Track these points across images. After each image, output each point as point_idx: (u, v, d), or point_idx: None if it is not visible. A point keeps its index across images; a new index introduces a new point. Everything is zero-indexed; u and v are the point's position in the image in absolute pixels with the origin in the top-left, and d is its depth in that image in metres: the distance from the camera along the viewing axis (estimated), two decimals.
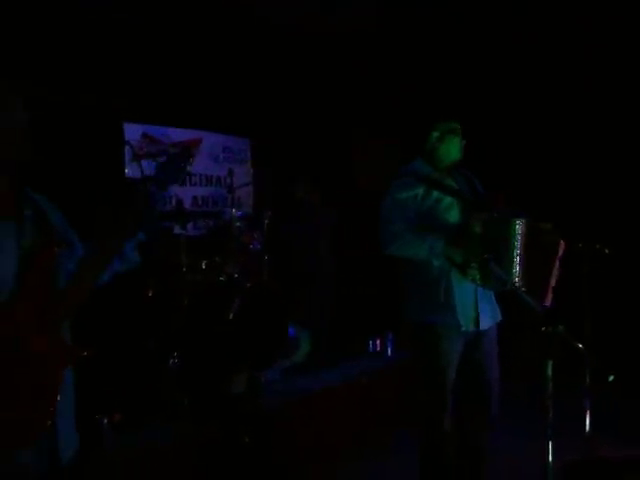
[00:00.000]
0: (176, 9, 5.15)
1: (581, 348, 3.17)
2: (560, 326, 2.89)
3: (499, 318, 3.32)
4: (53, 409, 1.74)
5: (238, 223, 4.92)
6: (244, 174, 6.13)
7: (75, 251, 1.98)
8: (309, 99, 6.27)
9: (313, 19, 5.67)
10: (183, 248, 4.44)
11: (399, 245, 3.14)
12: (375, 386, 4.86)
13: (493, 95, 6.20)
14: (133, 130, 5.28)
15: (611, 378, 4.19)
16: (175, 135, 5.63)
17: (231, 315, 4.54)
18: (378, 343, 5.61)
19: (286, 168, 6.07)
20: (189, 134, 5.79)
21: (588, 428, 3.49)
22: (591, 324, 3.71)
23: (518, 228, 3.04)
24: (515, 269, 3.02)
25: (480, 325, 3.18)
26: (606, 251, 3.63)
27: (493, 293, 3.27)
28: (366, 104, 6.49)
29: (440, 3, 5.62)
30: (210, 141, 6.00)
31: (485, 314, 3.21)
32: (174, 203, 5.24)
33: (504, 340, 3.35)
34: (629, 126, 5.86)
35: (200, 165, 5.83)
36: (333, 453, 4.22)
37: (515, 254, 3.02)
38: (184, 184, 5.63)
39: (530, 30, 5.86)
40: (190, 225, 5.08)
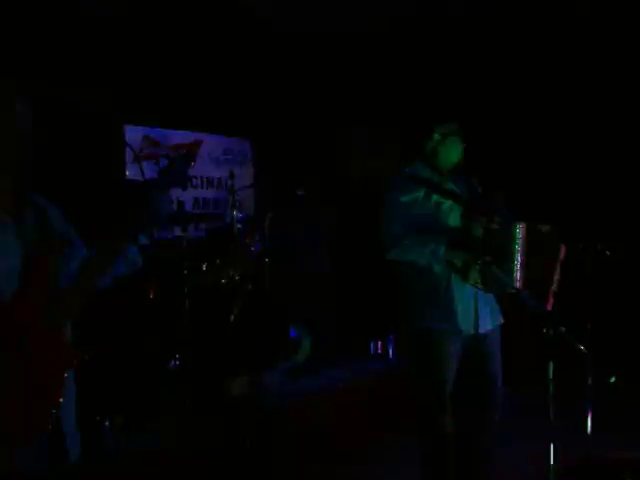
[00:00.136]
0: (177, 12, 5.17)
1: (582, 349, 3.18)
2: (561, 328, 2.90)
3: (500, 320, 3.32)
4: (54, 410, 1.74)
5: (239, 225, 4.93)
6: (245, 176, 6.14)
7: (75, 251, 1.98)
8: (310, 100, 6.27)
9: (313, 20, 5.68)
10: (184, 250, 4.44)
11: (400, 250, 3.14)
12: (377, 388, 4.86)
13: (494, 95, 6.19)
14: (134, 132, 5.28)
15: (612, 380, 4.19)
16: (176, 137, 5.63)
17: (232, 317, 4.54)
18: (379, 345, 5.61)
19: (287, 170, 6.07)
20: (190, 136, 5.80)
21: (590, 429, 3.49)
22: (592, 326, 3.70)
23: (518, 232, 3.04)
24: (516, 272, 3.02)
25: (480, 329, 3.19)
26: (607, 253, 3.63)
27: (494, 296, 3.27)
28: (366, 104, 6.49)
29: (440, 3, 5.63)
30: (211, 143, 6.01)
31: (485, 317, 3.22)
32: (175, 205, 5.24)
33: (505, 342, 3.35)
34: (629, 127, 5.86)
35: (201, 167, 5.83)
36: (335, 455, 4.21)
37: (516, 257, 3.03)
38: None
39: (530, 30, 5.88)
40: (191, 227, 5.09)
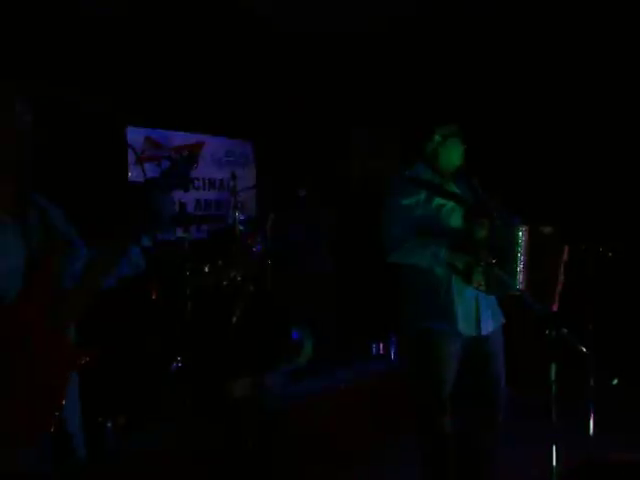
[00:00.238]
0: (177, 12, 5.17)
1: (585, 351, 3.18)
2: (564, 329, 2.90)
3: (502, 321, 3.32)
4: (58, 411, 1.74)
5: (241, 226, 4.93)
6: (247, 177, 6.14)
7: (77, 251, 1.98)
8: (311, 101, 6.28)
9: (313, 20, 5.68)
10: (186, 252, 4.45)
11: (402, 253, 3.14)
12: (379, 389, 4.85)
13: (495, 96, 6.19)
14: (136, 134, 5.28)
15: (615, 381, 4.19)
16: (178, 139, 5.63)
17: (234, 318, 4.55)
18: (381, 346, 5.60)
19: (288, 171, 6.07)
20: (192, 138, 5.80)
21: (592, 431, 3.48)
22: (594, 327, 3.70)
23: (521, 235, 3.04)
24: (519, 274, 3.02)
25: (482, 331, 3.19)
26: (609, 254, 3.63)
27: (495, 297, 3.27)
28: (366, 104, 6.49)
29: (441, 4, 5.63)
30: (213, 145, 6.01)
31: (487, 319, 3.22)
32: (177, 207, 5.25)
33: (507, 344, 3.35)
34: (630, 127, 5.85)
35: (203, 169, 5.84)
36: (336, 457, 4.21)
37: (519, 259, 3.02)
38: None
39: (530, 30, 5.87)
40: (193, 229, 5.09)
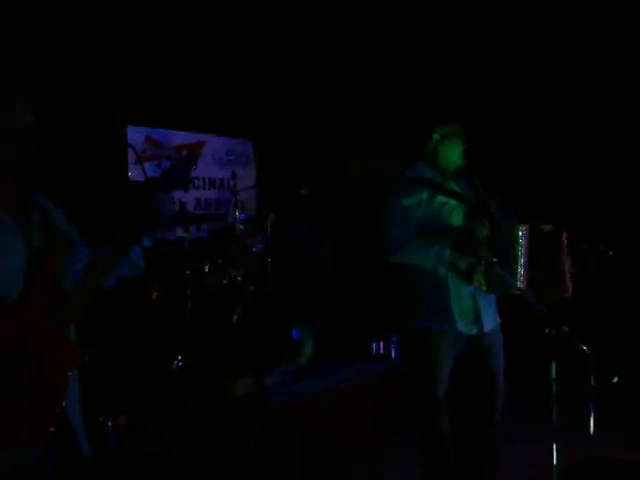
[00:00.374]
0: (179, 13, 5.17)
1: (585, 350, 3.18)
2: (564, 328, 2.90)
3: (498, 320, 3.33)
4: (59, 410, 1.74)
5: (241, 226, 4.93)
6: (248, 177, 6.14)
7: (78, 251, 1.98)
8: (311, 101, 6.28)
9: (313, 20, 5.68)
10: (187, 251, 4.45)
11: (404, 253, 3.13)
12: (379, 389, 4.85)
13: (495, 95, 6.19)
14: (137, 133, 5.28)
15: (615, 380, 4.19)
16: (178, 138, 5.64)
17: (235, 318, 4.55)
18: (382, 346, 5.60)
19: (289, 170, 6.07)
20: (192, 137, 5.80)
21: (593, 430, 3.48)
22: (595, 326, 3.70)
23: (521, 234, 3.04)
24: (520, 273, 3.02)
25: (484, 328, 3.19)
26: (610, 253, 3.63)
27: (495, 296, 3.27)
28: (366, 104, 6.49)
29: (441, 4, 5.63)
30: (214, 144, 6.01)
31: (488, 316, 3.22)
32: (177, 206, 5.24)
33: (508, 343, 3.35)
34: (631, 126, 5.85)
35: (203, 168, 5.84)
36: (337, 456, 4.21)
37: (519, 259, 3.03)
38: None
39: (531, 30, 5.87)
40: (193, 228, 5.09)
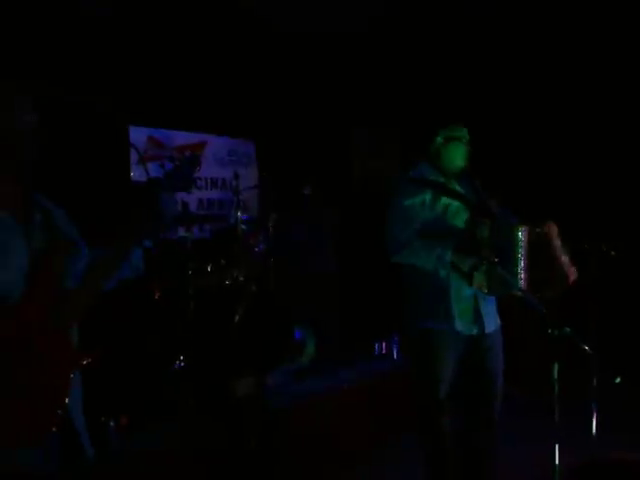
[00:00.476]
0: (179, 13, 5.18)
1: (587, 350, 3.18)
2: (566, 328, 2.90)
3: (499, 322, 3.33)
4: (60, 411, 1.74)
5: (244, 226, 4.93)
6: (250, 177, 6.14)
7: (79, 251, 1.98)
8: (311, 101, 6.28)
9: (313, 20, 5.68)
10: (189, 251, 4.45)
11: (406, 254, 3.14)
12: (381, 389, 4.85)
13: (495, 95, 6.19)
14: (139, 133, 5.28)
15: (618, 380, 4.19)
16: (180, 138, 5.64)
17: (237, 318, 4.55)
18: (384, 346, 5.60)
19: (291, 170, 6.07)
20: (194, 137, 5.80)
21: (595, 430, 3.48)
22: (597, 326, 3.69)
23: (521, 235, 3.05)
24: (520, 273, 3.03)
25: (485, 329, 3.19)
26: (612, 253, 3.63)
27: (495, 297, 3.27)
28: (366, 104, 6.49)
29: (441, 4, 5.63)
30: (215, 144, 6.01)
31: (490, 317, 3.22)
32: (180, 206, 5.25)
33: (510, 344, 3.35)
34: (632, 126, 5.85)
35: (206, 168, 5.83)
36: (339, 456, 4.21)
37: (519, 260, 3.03)
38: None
39: (531, 31, 5.87)
40: (195, 228, 5.09)
